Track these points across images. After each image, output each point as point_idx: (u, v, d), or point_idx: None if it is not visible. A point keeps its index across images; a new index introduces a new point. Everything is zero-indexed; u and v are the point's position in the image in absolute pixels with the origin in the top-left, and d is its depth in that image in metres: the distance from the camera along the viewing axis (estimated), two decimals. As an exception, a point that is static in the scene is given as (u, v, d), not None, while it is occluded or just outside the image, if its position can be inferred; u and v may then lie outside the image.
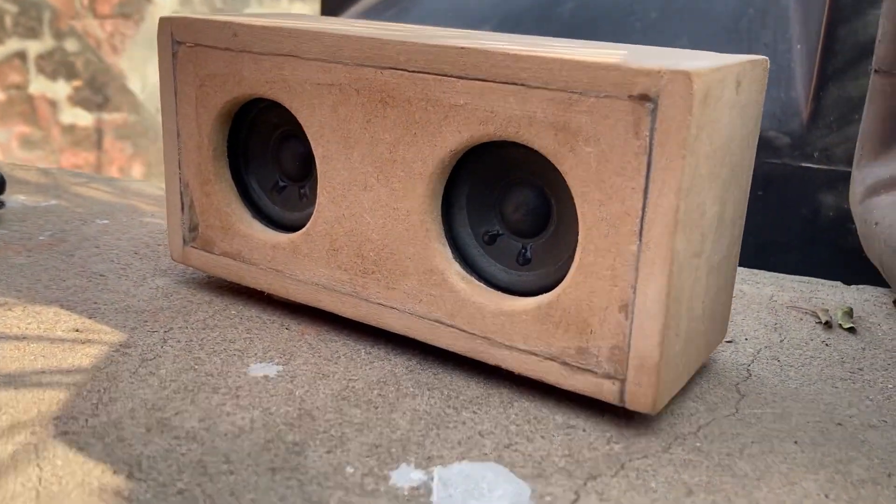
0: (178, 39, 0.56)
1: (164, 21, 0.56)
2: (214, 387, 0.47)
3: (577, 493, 0.39)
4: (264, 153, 0.58)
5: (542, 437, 0.44)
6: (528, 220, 0.48)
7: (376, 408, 0.46)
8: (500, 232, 0.49)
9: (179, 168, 0.58)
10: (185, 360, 0.50)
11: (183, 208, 0.59)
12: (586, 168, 0.42)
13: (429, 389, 0.48)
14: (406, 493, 0.38)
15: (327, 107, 0.50)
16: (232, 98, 0.55)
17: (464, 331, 0.49)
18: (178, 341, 0.52)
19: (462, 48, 0.44)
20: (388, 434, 0.43)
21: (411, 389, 0.48)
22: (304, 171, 0.56)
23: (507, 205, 0.48)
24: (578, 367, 0.45)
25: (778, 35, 1.01)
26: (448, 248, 0.49)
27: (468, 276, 0.49)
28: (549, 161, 0.44)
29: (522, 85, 0.43)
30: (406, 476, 0.39)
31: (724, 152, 0.44)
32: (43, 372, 0.47)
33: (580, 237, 0.44)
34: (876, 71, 0.77)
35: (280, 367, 0.50)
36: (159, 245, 0.70)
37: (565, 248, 0.47)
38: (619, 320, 0.43)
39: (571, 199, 0.45)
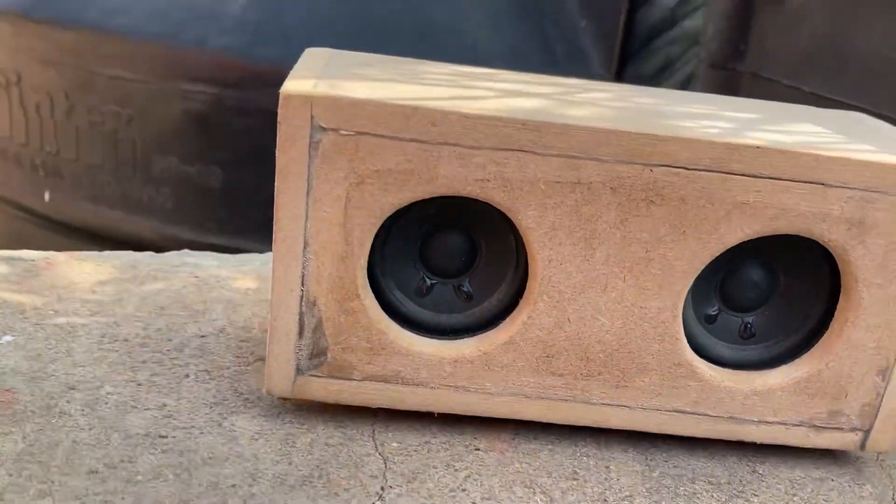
0: (323, 125, 0.41)
1: (299, 99, 0.41)
2: (553, 563, 0.40)
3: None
4: (405, 250, 0.47)
5: (827, 501, 0.48)
6: (753, 297, 0.49)
7: (701, 524, 0.44)
8: (720, 309, 0.49)
9: (303, 284, 0.45)
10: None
11: (301, 332, 0.46)
12: (873, 258, 0.45)
13: (695, 482, 0.48)
14: None
15: (566, 207, 0.44)
16: (411, 199, 0.43)
17: (708, 415, 0.49)
18: (423, 512, 0.42)
19: (760, 148, 0.43)
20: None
21: (692, 487, 0.47)
22: (464, 264, 0.48)
23: (734, 283, 0.48)
24: (827, 428, 0.49)
25: (560, 10, 1.08)
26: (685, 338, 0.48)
27: (709, 363, 0.48)
28: (800, 246, 0.46)
29: (821, 184, 0.43)
30: None
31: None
32: None
33: (853, 316, 0.47)
34: (711, 65, 0.89)
35: (560, 508, 0.44)
36: (143, 362, 0.52)
37: (793, 319, 0.49)
38: (876, 382, 0.48)
39: (804, 276, 0.48)
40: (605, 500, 0.45)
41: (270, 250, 0.45)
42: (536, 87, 0.51)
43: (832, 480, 0.49)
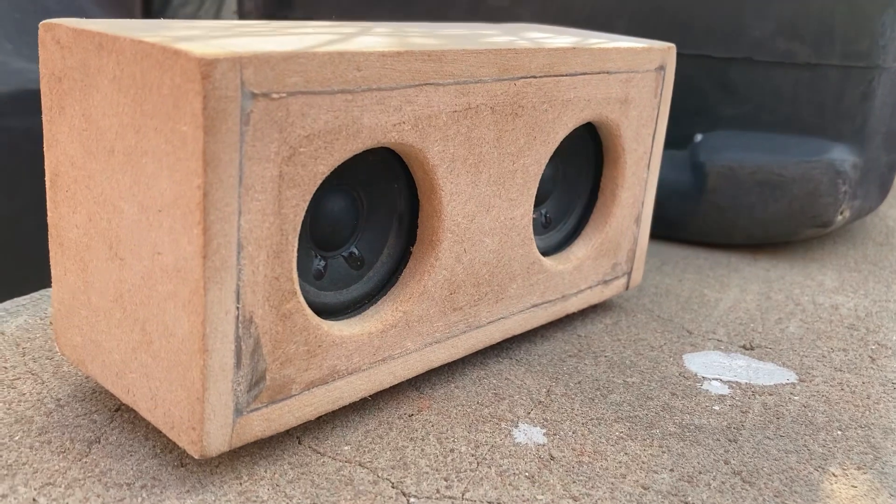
0: (256, 91, 0.33)
1: (227, 63, 0.31)
2: None
3: (712, 338, 0.58)
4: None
5: (640, 333, 0.58)
6: (547, 190, 0.55)
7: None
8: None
9: (238, 300, 0.35)
10: None
11: (239, 362, 0.36)
12: (631, 127, 0.55)
13: (565, 360, 0.53)
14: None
15: (461, 136, 0.43)
16: (338, 161, 0.37)
17: (550, 301, 0.54)
18: None
19: (575, 49, 0.48)
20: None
21: (572, 364, 0.52)
22: (349, 230, 0.43)
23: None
24: (612, 279, 0.59)
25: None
26: (526, 237, 0.52)
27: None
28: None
29: (606, 73, 0.51)
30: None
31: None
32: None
33: (621, 180, 0.56)
34: (262, 17, 0.89)
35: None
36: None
37: (572, 199, 0.57)
38: (633, 229, 0.59)
39: (575, 159, 0.56)
40: (540, 401, 0.48)
41: None
42: (349, 28, 0.47)
43: (624, 318, 0.60)
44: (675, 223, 0.77)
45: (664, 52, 0.55)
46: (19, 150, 0.80)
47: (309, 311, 0.39)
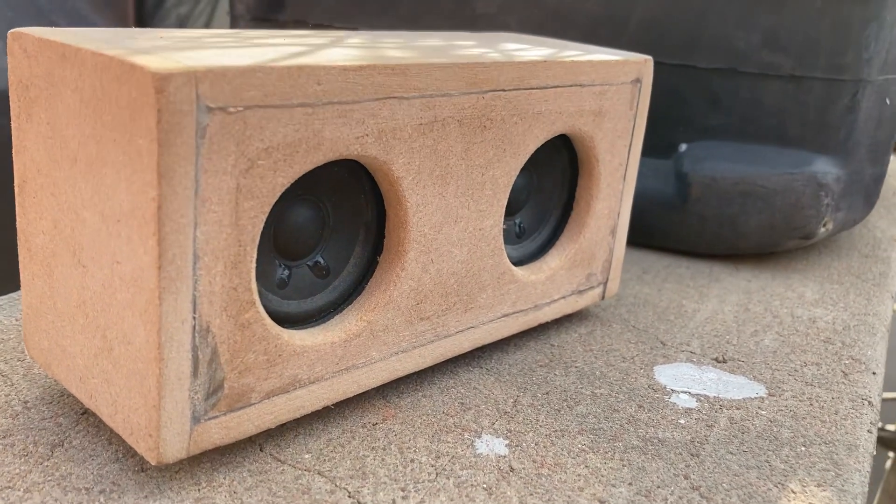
0: (212, 105, 0.33)
1: (182, 77, 0.32)
2: None
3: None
4: (260, 242, 0.41)
5: (613, 344, 0.58)
6: (521, 200, 0.55)
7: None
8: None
9: (194, 310, 0.36)
10: None
11: (196, 371, 0.37)
12: (605, 139, 0.55)
13: (535, 370, 0.53)
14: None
15: (427, 148, 0.43)
16: (299, 173, 0.38)
17: (521, 311, 0.54)
18: None
19: (546, 62, 0.48)
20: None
21: (542, 374, 0.52)
22: (315, 239, 0.44)
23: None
24: (586, 289, 0.59)
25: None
26: (497, 247, 0.52)
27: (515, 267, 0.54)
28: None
29: (579, 85, 0.51)
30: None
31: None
32: None
33: (595, 192, 0.56)
34: (253, 19, 0.90)
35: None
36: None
37: (546, 209, 0.57)
38: (609, 240, 0.59)
39: (550, 170, 0.56)
40: (506, 412, 0.48)
41: None
42: (319, 39, 0.47)
43: (599, 328, 0.60)
44: (658, 232, 0.77)
45: (640, 64, 0.55)
46: (9, 149, 0.81)
47: (269, 321, 0.39)
